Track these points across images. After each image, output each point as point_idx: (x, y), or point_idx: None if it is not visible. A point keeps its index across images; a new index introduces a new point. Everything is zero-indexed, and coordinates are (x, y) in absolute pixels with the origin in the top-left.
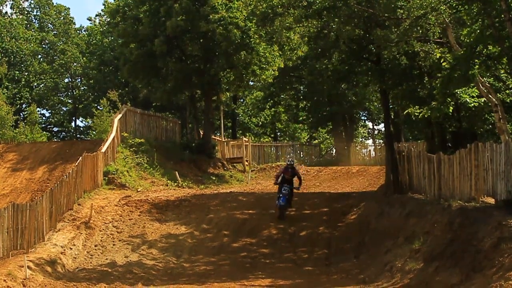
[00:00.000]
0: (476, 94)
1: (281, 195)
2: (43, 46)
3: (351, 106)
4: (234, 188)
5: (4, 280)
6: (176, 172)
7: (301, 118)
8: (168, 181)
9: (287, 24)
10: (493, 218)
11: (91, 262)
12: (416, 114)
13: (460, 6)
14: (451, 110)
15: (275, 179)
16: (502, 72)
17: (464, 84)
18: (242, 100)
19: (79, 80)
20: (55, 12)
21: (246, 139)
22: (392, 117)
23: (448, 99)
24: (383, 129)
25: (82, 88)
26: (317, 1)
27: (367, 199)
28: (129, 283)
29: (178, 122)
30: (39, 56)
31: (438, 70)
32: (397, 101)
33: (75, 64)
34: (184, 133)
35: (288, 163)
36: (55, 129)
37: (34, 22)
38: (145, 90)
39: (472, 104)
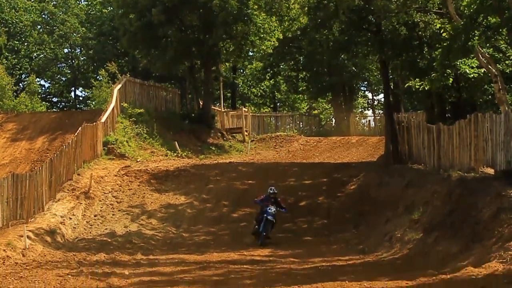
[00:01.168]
0: (476, 64)
1: (265, 214)
2: (43, 16)
3: (351, 77)
4: (234, 158)
5: (4, 250)
6: (176, 142)
7: (300, 89)
8: (168, 151)
9: None
10: (493, 188)
11: (90, 232)
12: (417, 86)
13: None
14: (450, 81)
15: (258, 201)
16: (501, 43)
17: (464, 55)
18: (241, 71)
19: (78, 50)
20: None
21: (246, 110)
22: (392, 87)
23: (448, 70)
24: (382, 99)
25: (82, 58)
26: None
27: (366, 170)
28: (128, 253)
29: (178, 93)
30: (39, 27)
31: (437, 40)
32: (396, 72)
33: (74, 34)
34: (184, 103)
35: (271, 192)
36: (55, 99)
37: None
38: (145, 61)
39: (472, 75)
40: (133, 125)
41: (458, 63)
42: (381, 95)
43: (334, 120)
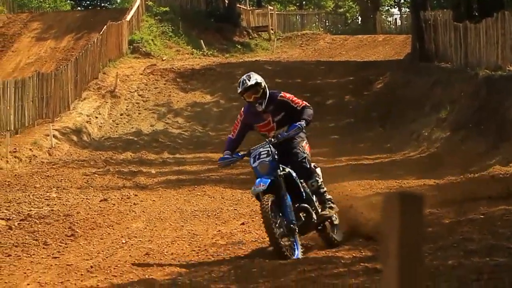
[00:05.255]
0: None
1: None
2: None
3: None
4: (260, 57)
5: (30, 149)
6: (201, 41)
7: None
8: (193, 49)
9: None
10: None
11: (116, 131)
12: None
13: None
14: None
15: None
16: None
17: None
18: None
19: None
20: None
21: (271, 8)
22: None
23: None
24: None
25: None
26: None
27: (393, 68)
28: (154, 151)
29: None
30: None
31: None
32: None
33: None
34: (209, 1)
35: (245, 85)
36: None
37: None
38: None
39: None
40: (158, 24)
41: None
42: None
43: (360, 19)
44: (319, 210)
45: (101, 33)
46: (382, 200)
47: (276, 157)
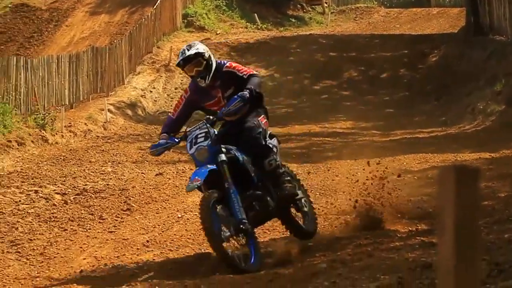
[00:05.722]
0: None
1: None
2: None
3: None
4: (314, 30)
5: (85, 123)
6: (255, 14)
7: None
8: (247, 23)
9: None
10: None
11: (171, 105)
12: None
13: None
14: None
15: (164, 127)
16: None
17: None
18: None
19: None
20: None
21: None
22: None
23: None
24: None
25: None
26: None
27: (447, 41)
28: None
29: None
30: None
31: None
32: None
33: None
34: None
35: (185, 54)
36: None
37: None
38: None
39: None
40: None
41: None
42: None
43: None
44: (277, 194)
45: (155, 7)
46: (437, 174)
47: (215, 138)
